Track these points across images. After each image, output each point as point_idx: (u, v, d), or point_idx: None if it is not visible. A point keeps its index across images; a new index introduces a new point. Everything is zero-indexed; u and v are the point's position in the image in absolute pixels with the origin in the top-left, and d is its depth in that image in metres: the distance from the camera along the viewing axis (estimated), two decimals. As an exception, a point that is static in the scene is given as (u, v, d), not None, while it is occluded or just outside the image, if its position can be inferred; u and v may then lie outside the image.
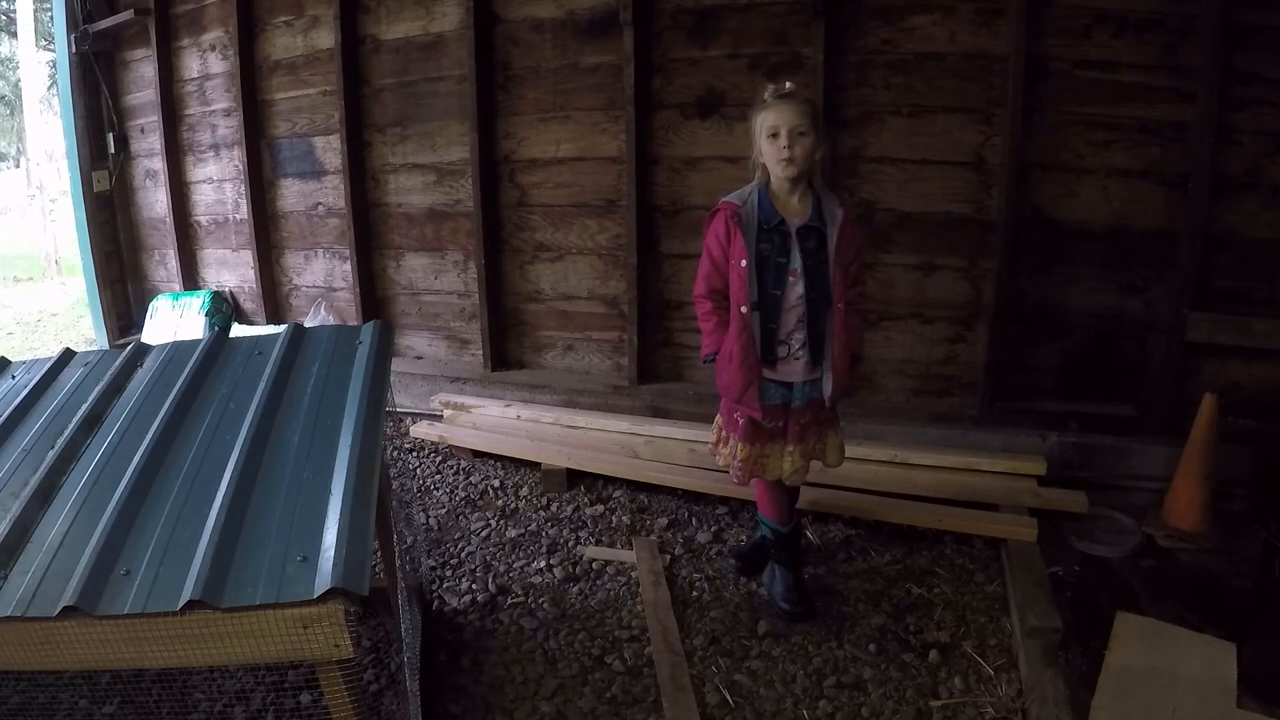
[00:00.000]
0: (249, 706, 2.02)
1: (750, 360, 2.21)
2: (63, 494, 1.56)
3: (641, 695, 2.14)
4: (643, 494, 3.17)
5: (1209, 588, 2.50)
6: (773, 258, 2.19)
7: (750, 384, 2.23)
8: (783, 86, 2.15)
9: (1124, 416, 3.07)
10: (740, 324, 2.20)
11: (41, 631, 1.28)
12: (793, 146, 2.11)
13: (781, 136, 2.12)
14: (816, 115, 2.17)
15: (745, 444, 2.31)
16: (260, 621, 1.28)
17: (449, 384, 4.02)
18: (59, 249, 9.52)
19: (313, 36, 4.06)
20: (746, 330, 2.19)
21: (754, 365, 2.22)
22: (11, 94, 14.90)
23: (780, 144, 2.12)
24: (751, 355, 2.21)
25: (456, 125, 3.82)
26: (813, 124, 2.14)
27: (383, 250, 4.21)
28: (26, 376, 2.03)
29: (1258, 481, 2.85)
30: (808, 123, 2.12)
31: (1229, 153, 2.82)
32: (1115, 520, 2.84)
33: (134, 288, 5.18)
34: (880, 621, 2.40)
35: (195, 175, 4.69)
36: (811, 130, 2.13)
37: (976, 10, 2.98)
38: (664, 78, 3.43)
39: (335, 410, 1.74)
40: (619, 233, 3.63)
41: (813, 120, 2.14)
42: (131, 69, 4.79)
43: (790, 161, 2.12)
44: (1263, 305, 2.89)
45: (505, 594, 2.59)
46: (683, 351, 3.69)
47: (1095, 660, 2.15)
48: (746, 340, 2.20)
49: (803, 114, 2.12)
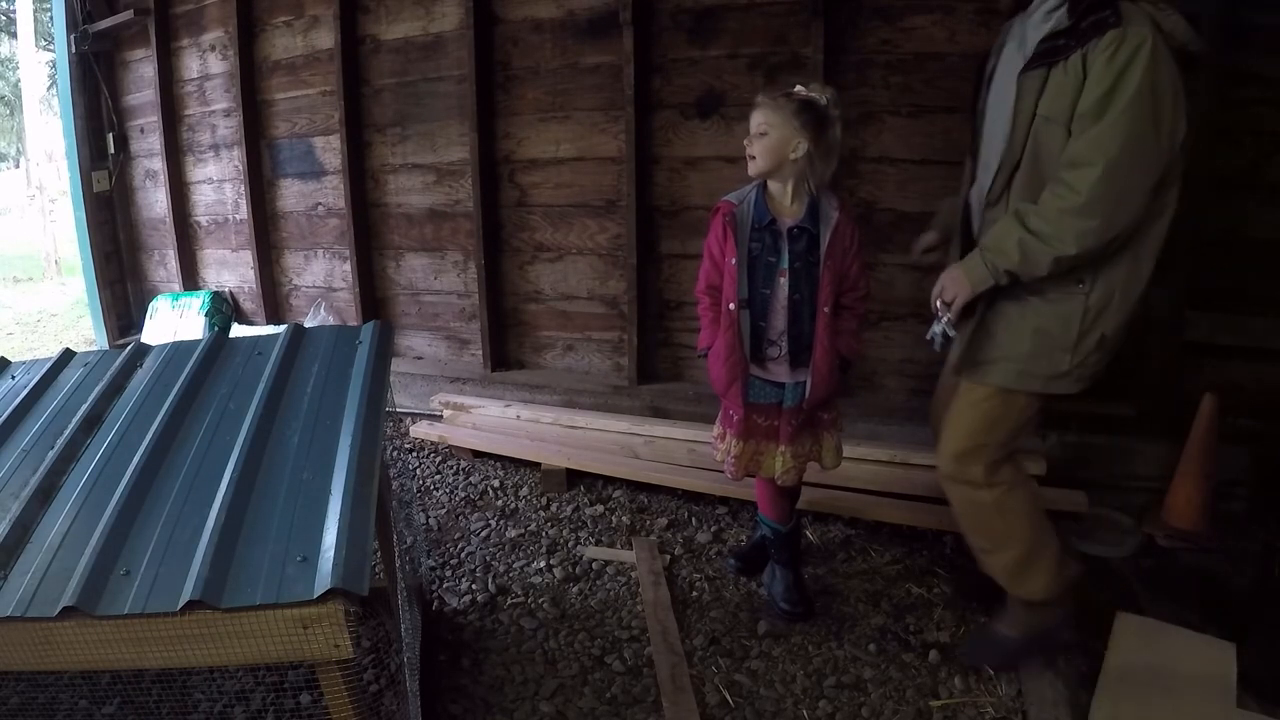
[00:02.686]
0: (249, 707, 2.02)
1: (735, 357, 2.24)
2: (63, 494, 1.56)
3: (641, 695, 2.14)
4: (643, 494, 3.17)
5: (1209, 588, 2.50)
6: (763, 257, 2.20)
7: (734, 380, 2.26)
8: (772, 89, 2.16)
9: (1124, 416, 3.07)
10: (727, 320, 2.23)
11: (41, 631, 1.28)
12: (750, 145, 2.15)
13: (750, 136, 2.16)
14: (796, 115, 2.10)
15: (739, 440, 2.33)
16: (260, 622, 1.28)
17: (449, 384, 4.02)
18: (59, 249, 9.52)
19: (312, 37, 4.06)
20: (733, 327, 2.22)
21: (738, 362, 2.24)
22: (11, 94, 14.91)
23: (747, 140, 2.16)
24: (736, 352, 2.23)
25: (456, 125, 3.82)
26: (784, 123, 2.10)
27: (382, 250, 4.21)
28: (26, 377, 2.03)
29: (1258, 481, 2.85)
30: (774, 121, 2.10)
31: (1229, 153, 2.82)
32: (1115, 520, 2.84)
33: (134, 288, 5.18)
34: (880, 621, 2.40)
35: (195, 175, 4.69)
36: (779, 128, 2.10)
37: (976, 10, 2.98)
38: (663, 78, 3.43)
39: (335, 410, 1.74)
40: (619, 233, 3.63)
41: (783, 119, 2.10)
42: (131, 69, 4.79)
43: (750, 160, 2.16)
44: (1262, 305, 2.89)
45: (505, 594, 2.59)
46: (682, 351, 3.69)
47: (1095, 660, 2.15)
48: (732, 337, 2.23)
49: (766, 115, 2.12)
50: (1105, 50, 1.70)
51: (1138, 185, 1.75)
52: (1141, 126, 1.70)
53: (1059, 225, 1.77)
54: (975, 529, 2.08)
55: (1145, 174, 1.74)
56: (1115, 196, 1.74)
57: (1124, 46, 1.69)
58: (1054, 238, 1.78)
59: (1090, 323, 1.89)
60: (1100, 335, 1.90)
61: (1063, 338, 1.90)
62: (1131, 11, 1.72)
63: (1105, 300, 1.87)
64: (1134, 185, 1.74)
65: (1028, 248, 1.80)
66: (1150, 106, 1.70)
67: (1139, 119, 1.70)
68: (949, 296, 1.96)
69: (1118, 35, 1.69)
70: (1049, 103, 1.80)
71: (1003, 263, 1.85)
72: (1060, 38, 1.77)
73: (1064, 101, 1.77)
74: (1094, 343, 1.91)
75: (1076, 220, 1.75)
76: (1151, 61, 1.68)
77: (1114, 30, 1.69)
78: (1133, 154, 1.72)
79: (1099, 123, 1.72)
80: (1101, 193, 1.72)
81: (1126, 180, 1.73)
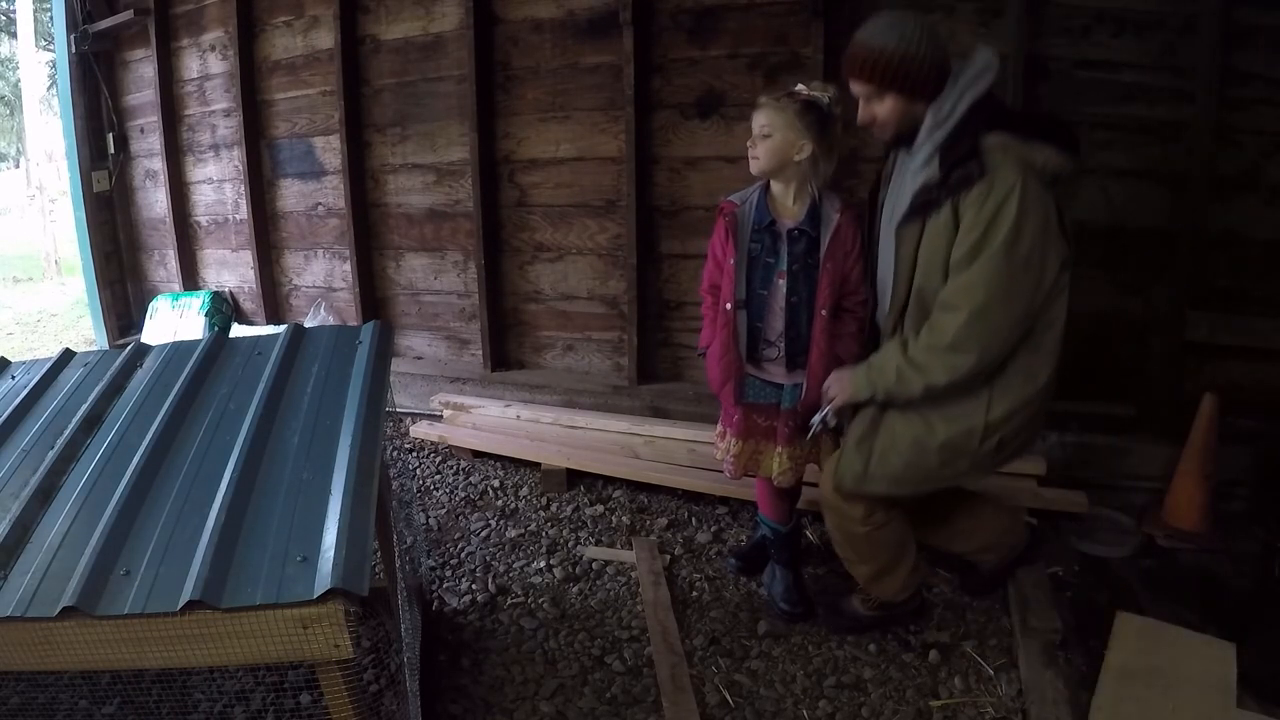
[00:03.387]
0: (249, 707, 2.02)
1: (729, 356, 2.25)
2: (63, 494, 1.56)
3: (641, 695, 2.14)
4: (643, 494, 3.17)
5: (1209, 588, 2.50)
6: (762, 257, 2.21)
7: (728, 379, 2.28)
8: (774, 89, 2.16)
9: (1124, 416, 3.07)
10: (723, 319, 2.25)
11: (41, 632, 1.28)
12: (753, 147, 2.15)
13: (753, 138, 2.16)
14: (800, 116, 2.10)
15: (738, 440, 2.35)
16: (260, 622, 1.28)
17: (449, 384, 4.02)
18: (59, 249, 9.52)
19: (312, 37, 4.06)
20: (728, 327, 2.24)
21: (733, 361, 2.25)
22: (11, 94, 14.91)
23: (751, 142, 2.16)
24: (731, 351, 2.25)
25: (456, 125, 3.82)
26: (788, 125, 2.10)
27: (382, 250, 4.21)
28: (26, 377, 2.03)
29: (1258, 481, 2.85)
30: (777, 124, 2.11)
31: (1229, 153, 2.82)
32: (1115, 520, 2.84)
33: (134, 288, 5.18)
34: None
35: (195, 175, 4.69)
36: (783, 130, 2.10)
37: (976, 10, 2.98)
38: (663, 78, 3.43)
39: (335, 410, 1.74)
40: (619, 233, 3.63)
41: (787, 121, 2.10)
42: (131, 69, 4.79)
43: (754, 159, 2.16)
44: (1263, 305, 2.89)
45: (505, 594, 2.59)
46: (682, 351, 3.69)
47: (1095, 660, 2.15)
48: (727, 336, 2.24)
49: (769, 116, 2.11)
50: (974, 202, 1.81)
51: (1007, 322, 1.87)
52: (1009, 270, 1.82)
53: (930, 359, 1.91)
54: (843, 545, 2.23)
55: (1014, 311, 1.86)
56: (984, 335, 1.87)
57: (991, 196, 1.79)
58: (926, 369, 1.92)
59: (990, 432, 1.99)
60: (999, 439, 2.00)
61: (964, 444, 2.00)
62: (999, 158, 1.81)
63: (1004, 412, 1.97)
64: (1003, 323, 1.87)
65: (903, 374, 1.95)
66: (1019, 250, 1.80)
67: (1007, 264, 1.81)
68: (832, 394, 2.11)
69: (984, 187, 1.80)
70: (926, 251, 1.92)
71: (881, 383, 2.00)
72: (933, 190, 1.88)
73: (939, 249, 1.89)
74: (993, 446, 2.01)
75: (946, 356, 1.89)
76: (1019, 207, 1.78)
77: (981, 182, 1.80)
78: (1001, 297, 1.84)
79: (969, 269, 1.84)
80: (968, 334, 1.86)
81: (995, 320, 1.86)
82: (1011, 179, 1.78)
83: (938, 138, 1.88)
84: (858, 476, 2.06)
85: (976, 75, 1.86)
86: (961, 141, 1.84)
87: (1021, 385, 1.96)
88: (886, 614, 2.32)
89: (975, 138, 1.82)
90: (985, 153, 1.81)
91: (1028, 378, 1.96)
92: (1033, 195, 1.79)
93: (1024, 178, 1.78)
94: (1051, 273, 1.86)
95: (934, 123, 1.88)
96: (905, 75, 1.87)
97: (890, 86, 1.89)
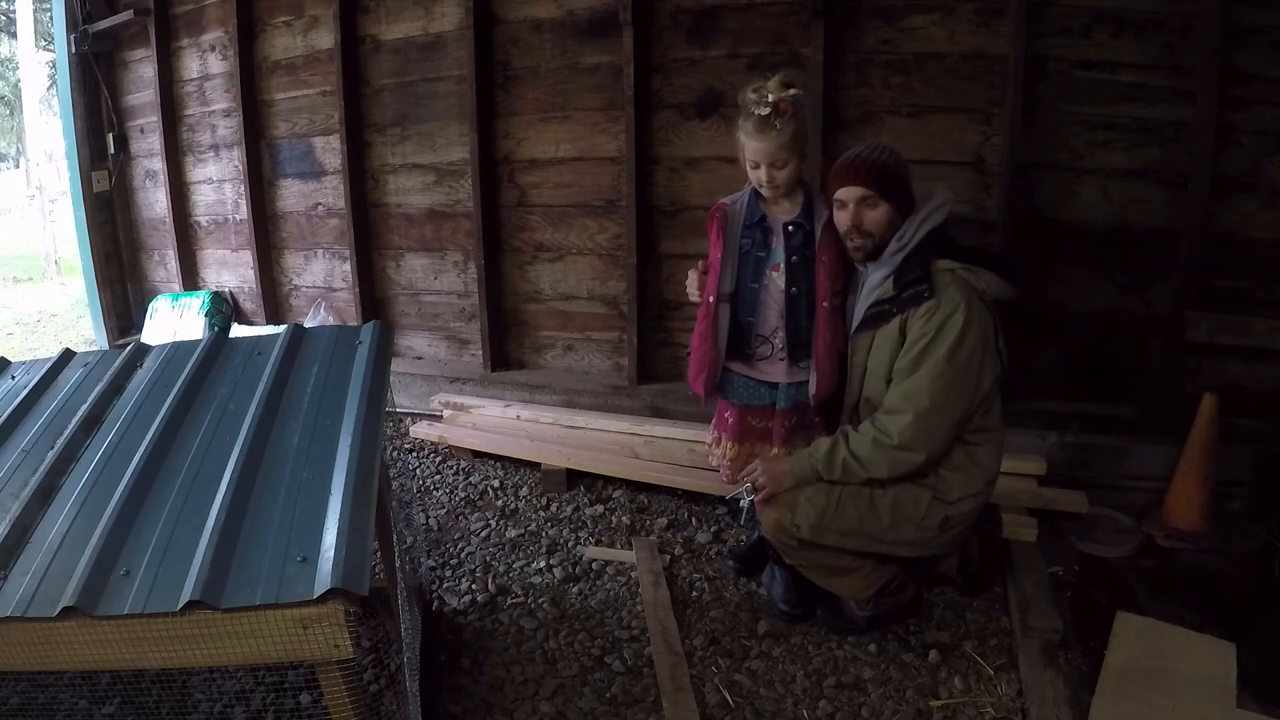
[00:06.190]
0: (249, 707, 2.02)
1: (705, 346, 2.29)
2: (63, 494, 1.56)
3: (641, 695, 2.14)
4: (643, 494, 3.17)
5: (1209, 588, 2.50)
6: (753, 252, 2.23)
7: (701, 370, 2.31)
8: (763, 104, 2.09)
9: (1124, 416, 3.07)
10: (704, 311, 2.28)
11: (41, 632, 1.28)
12: (774, 177, 2.16)
13: (763, 170, 2.15)
14: (798, 135, 2.12)
15: (734, 443, 2.36)
16: (260, 622, 1.28)
17: (449, 384, 4.02)
18: (59, 249, 9.52)
19: (312, 37, 4.06)
20: (708, 319, 2.27)
21: (708, 352, 2.29)
22: (11, 94, 14.89)
23: (762, 175, 2.16)
24: (708, 342, 2.28)
25: (456, 125, 3.82)
26: (795, 147, 2.13)
27: (382, 250, 4.21)
28: (26, 377, 2.03)
29: (1258, 481, 2.85)
30: (787, 151, 2.12)
31: (1229, 153, 2.82)
32: (1115, 520, 2.84)
33: (134, 288, 5.18)
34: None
35: (195, 175, 4.69)
36: (794, 153, 2.14)
37: (976, 10, 2.98)
38: (663, 78, 3.43)
39: (335, 411, 1.74)
40: (619, 233, 3.63)
41: (793, 143, 2.12)
42: (131, 69, 4.80)
43: (775, 188, 2.18)
44: (1263, 305, 2.89)
45: (505, 594, 2.59)
46: (682, 351, 3.67)
47: (1095, 660, 2.15)
48: (705, 329, 2.29)
49: (781, 144, 2.10)
50: (921, 318, 2.03)
51: (946, 423, 2.06)
52: (950, 375, 2.02)
53: (874, 455, 2.07)
54: (788, 556, 2.28)
55: (955, 413, 2.06)
56: (925, 435, 2.04)
57: (937, 314, 2.01)
58: (869, 463, 2.08)
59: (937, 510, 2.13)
60: (944, 517, 2.13)
61: (911, 511, 2.13)
62: (946, 281, 2.04)
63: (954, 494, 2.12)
64: (943, 424, 2.06)
65: (848, 466, 2.10)
66: (959, 356, 2.01)
67: (949, 369, 2.01)
68: (761, 484, 2.17)
69: (932, 305, 2.02)
70: (873, 361, 2.14)
71: (825, 473, 2.13)
72: (886, 304, 2.10)
73: (884, 360, 2.11)
74: (936, 522, 2.14)
75: (890, 454, 2.06)
76: (965, 320, 2.00)
77: (929, 301, 2.02)
78: (941, 403, 2.02)
79: (913, 375, 2.04)
80: (911, 435, 2.03)
81: (936, 422, 2.04)
82: (957, 298, 2.01)
83: (895, 260, 2.09)
84: (813, 527, 2.13)
85: (935, 209, 2.10)
86: (915, 264, 2.06)
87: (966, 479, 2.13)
88: (885, 614, 2.32)
89: (928, 262, 2.05)
90: (935, 275, 2.04)
91: (970, 475, 2.13)
92: (976, 312, 2.02)
93: (968, 297, 2.02)
94: (987, 381, 2.07)
95: (895, 247, 2.10)
96: (902, 189, 2.11)
97: (890, 196, 2.09)
